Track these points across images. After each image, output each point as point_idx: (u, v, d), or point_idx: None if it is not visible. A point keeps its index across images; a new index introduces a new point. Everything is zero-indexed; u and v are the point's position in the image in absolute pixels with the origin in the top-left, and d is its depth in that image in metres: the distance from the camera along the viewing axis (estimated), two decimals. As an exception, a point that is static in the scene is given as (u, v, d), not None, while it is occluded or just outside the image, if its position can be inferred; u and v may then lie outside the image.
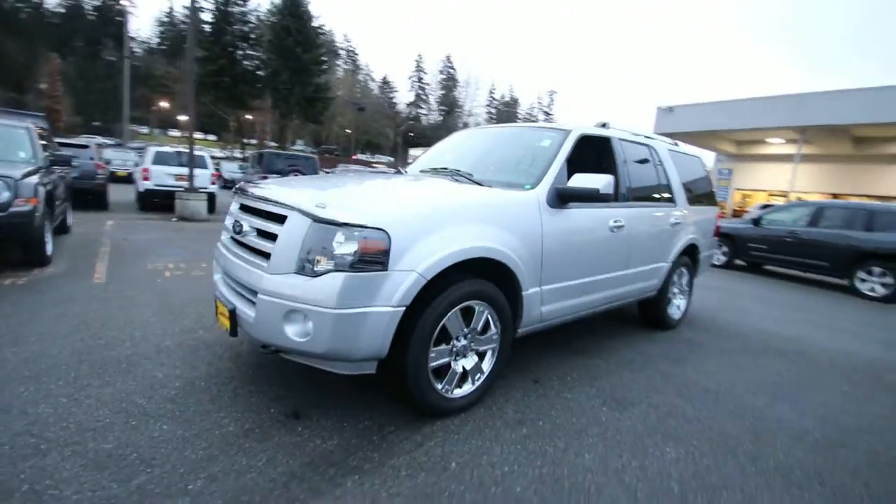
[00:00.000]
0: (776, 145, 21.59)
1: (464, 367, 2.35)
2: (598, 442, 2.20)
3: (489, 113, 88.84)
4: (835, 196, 19.98)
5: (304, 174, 11.50)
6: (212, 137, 57.07)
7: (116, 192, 11.16)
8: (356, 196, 2.37)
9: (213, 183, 10.78)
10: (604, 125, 3.54)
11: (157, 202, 10.13)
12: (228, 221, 2.65)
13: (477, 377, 2.41)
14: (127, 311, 3.49)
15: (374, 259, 1.92)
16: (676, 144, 4.51)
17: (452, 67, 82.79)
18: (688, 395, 2.84)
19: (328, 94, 49.38)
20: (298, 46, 41.99)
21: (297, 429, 2.10)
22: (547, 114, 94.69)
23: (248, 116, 45.94)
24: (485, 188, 2.62)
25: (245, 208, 2.45)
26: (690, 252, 4.31)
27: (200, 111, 45.97)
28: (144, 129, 52.37)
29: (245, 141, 47.96)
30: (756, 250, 8.43)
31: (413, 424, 2.21)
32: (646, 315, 4.22)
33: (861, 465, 2.22)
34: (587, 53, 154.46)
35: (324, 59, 49.63)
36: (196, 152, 9.92)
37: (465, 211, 2.30)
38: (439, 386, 2.23)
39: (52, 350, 2.68)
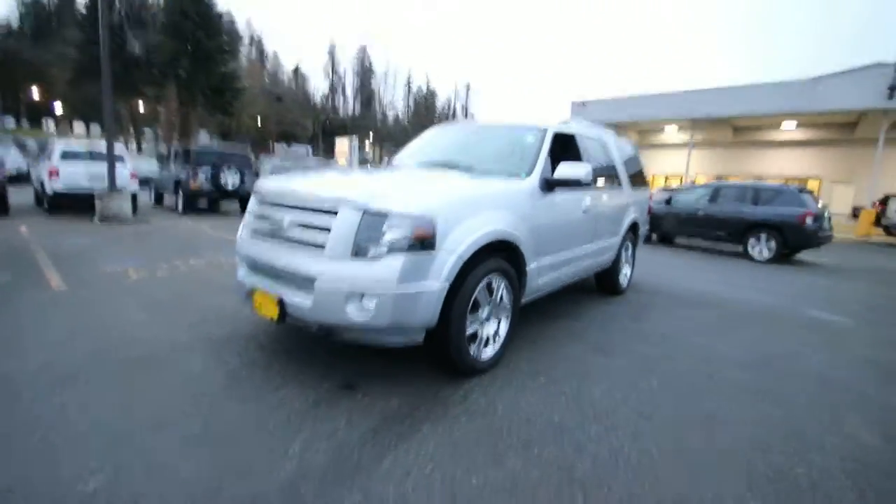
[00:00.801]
0: (672, 134, 24.46)
1: (487, 333, 2.73)
2: (600, 381, 2.72)
3: (408, 105, 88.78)
4: (719, 177, 23.19)
5: (240, 170, 10.99)
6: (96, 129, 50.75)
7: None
8: (398, 188, 2.58)
9: (133, 181, 9.91)
10: (566, 123, 4.07)
11: (67, 204, 9.15)
12: (254, 218, 2.76)
13: (497, 341, 2.81)
14: (116, 315, 3.38)
15: (424, 243, 2.22)
16: (616, 133, 5.22)
17: (368, 58, 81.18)
18: (651, 342, 3.49)
19: (238, 84, 46.23)
20: (199, 31, 38.66)
21: (357, 396, 2.35)
22: (464, 107, 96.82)
23: (145, 106, 41.46)
24: (492, 179, 2.99)
25: (277, 204, 2.58)
26: (633, 228, 5.07)
27: (81, 98, 40.54)
28: (10, 122, 45.04)
29: (139, 132, 43.40)
30: (669, 225, 9.75)
31: (452, 384, 2.55)
32: (601, 284, 4.90)
33: (779, 377, 2.98)
34: (506, 47, 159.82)
35: (228, 47, 46.27)
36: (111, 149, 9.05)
37: (487, 199, 2.67)
38: (472, 349, 2.60)
39: (62, 357, 2.61)
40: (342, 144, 29.53)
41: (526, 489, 1.71)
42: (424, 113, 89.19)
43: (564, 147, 3.83)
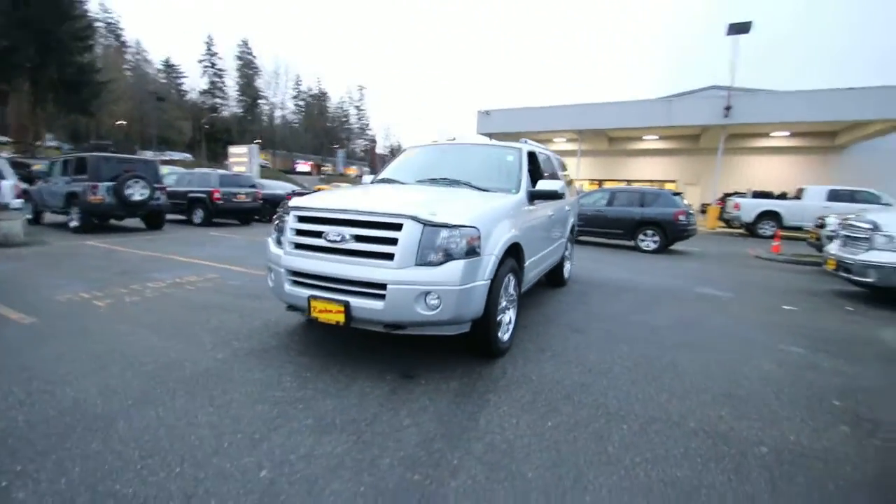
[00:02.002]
0: (561, 143, 27.46)
1: (505, 321, 3.35)
2: (589, 350, 3.51)
3: (297, 105, 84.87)
4: (600, 182, 26.69)
5: (144, 178, 10.01)
6: None
7: None
8: (442, 204, 2.98)
9: (20, 196, 8.57)
10: (525, 141, 4.86)
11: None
12: (297, 234, 3.01)
13: (509, 327, 3.44)
14: (125, 341, 3.30)
15: (474, 248, 2.78)
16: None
17: (251, 53, 75.38)
18: (605, 320, 4.42)
19: (98, 78, 40.27)
20: (45, 15, 33.01)
21: (421, 382, 2.80)
22: (358, 108, 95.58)
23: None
24: (496, 194, 3.61)
25: (334, 220, 2.89)
26: (572, 229, 6.09)
27: None
28: None
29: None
30: (576, 226, 11.32)
31: (487, 365, 3.12)
32: (550, 278, 5.81)
33: (700, 335, 4.08)
34: (402, 52, 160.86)
35: (86, 33, 40.21)
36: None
37: (501, 211, 3.28)
38: (500, 335, 3.20)
39: (122, 384, 2.62)
40: (238, 152, 27.61)
41: (584, 424, 2.37)
42: (317, 115, 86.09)
43: (532, 162, 4.62)
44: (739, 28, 16.83)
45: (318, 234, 2.94)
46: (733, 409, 2.62)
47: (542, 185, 3.93)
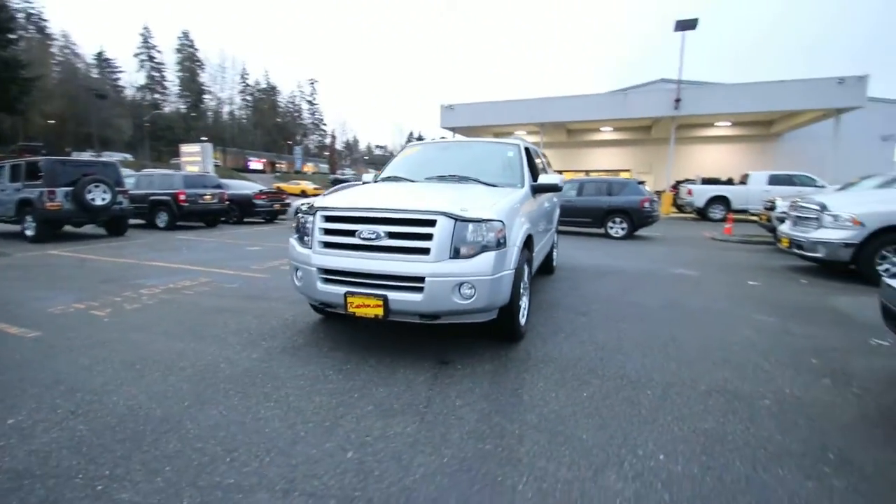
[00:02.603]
0: (522, 135, 28.06)
1: (523, 306, 3.59)
2: (596, 330, 3.82)
3: (245, 100, 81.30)
4: (559, 172, 27.55)
5: (104, 182, 9.49)
6: None
7: None
8: (468, 200, 3.14)
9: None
10: (520, 138, 5.11)
11: None
12: (325, 233, 3.11)
13: (526, 313, 3.69)
14: (147, 349, 3.27)
15: (501, 241, 2.99)
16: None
17: (192, 45, 71.28)
18: (601, 302, 4.78)
19: (25, 74, 37.02)
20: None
21: (458, 367, 2.99)
22: (311, 103, 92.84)
23: None
24: (504, 188, 3.83)
25: (366, 219, 3.00)
26: (557, 219, 6.43)
27: None
28: None
29: None
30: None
31: (510, 349, 3.35)
32: (541, 266, 6.12)
33: (685, 311, 4.51)
34: (357, 46, 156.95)
35: (8, 25, 36.88)
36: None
37: (517, 204, 3.51)
38: (521, 319, 3.44)
39: (173, 392, 2.64)
40: (190, 150, 26.37)
41: (614, 393, 2.66)
42: (267, 110, 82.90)
43: (528, 157, 4.87)
44: (686, 25, 17.93)
45: (350, 233, 3.05)
46: (733, 371, 3.00)
47: (543, 178, 4.20)
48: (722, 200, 16.60)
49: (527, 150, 4.73)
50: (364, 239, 2.98)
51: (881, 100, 20.16)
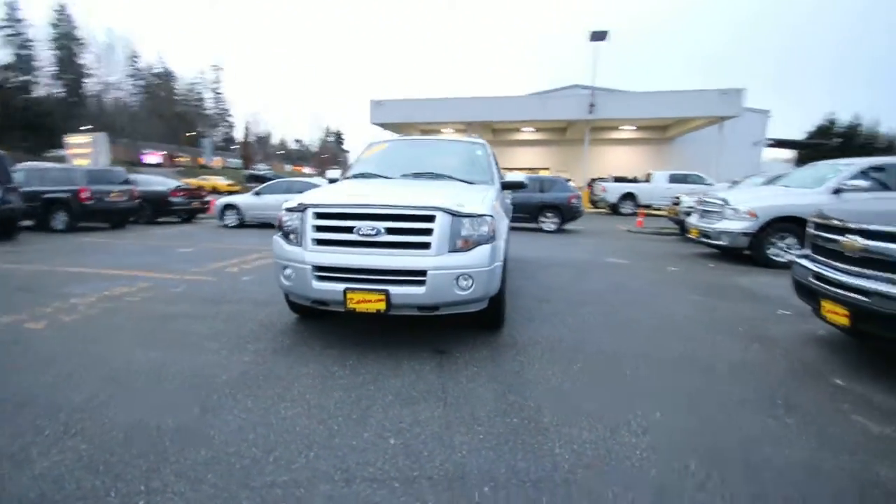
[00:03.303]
0: (449, 133, 28.62)
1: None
2: (565, 315, 4.20)
3: (137, 86, 72.62)
4: (486, 169, 28.54)
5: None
6: None
7: None
8: (460, 197, 3.26)
9: None
10: (478, 137, 5.36)
11: None
12: (318, 230, 3.08)
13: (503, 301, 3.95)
14: (119, 361, 2.99)
15: (492, 234, 3.20)
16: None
17: (71, 21, 62.07)
18: (556, 289, 5.21)
19: None
20: None
21: (455, 355, 3.15)
22: (215, 91, 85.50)
23: None
24: (479, 185, 4.04)
25: (363, 216, 3.03)
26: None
27: None
28: None
29: None
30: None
31: (495, 335, 3.58)
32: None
33: (632, 295, 5.10)
34: (280, 32, 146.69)
35: None
36: None
37: (497, 200, 3.73)
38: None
39: (156, 403, 2.47)
40: (79, 142, 23.17)
41: (600, 365, 3.00)
42: (164, 97, 74.79)
43: (493, 155, 5.14)
44: (599, 36, 19.59)
45: (347, 230, 3.06)
46: (686, 342, 3.51)
47: (510, 176, 4.49)
48: (631, 197, 18.46)
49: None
50: (364, 235, 3.01)
51: (754, 110, 23.71)
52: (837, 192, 6.63)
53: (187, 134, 73.86)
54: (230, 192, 25.26)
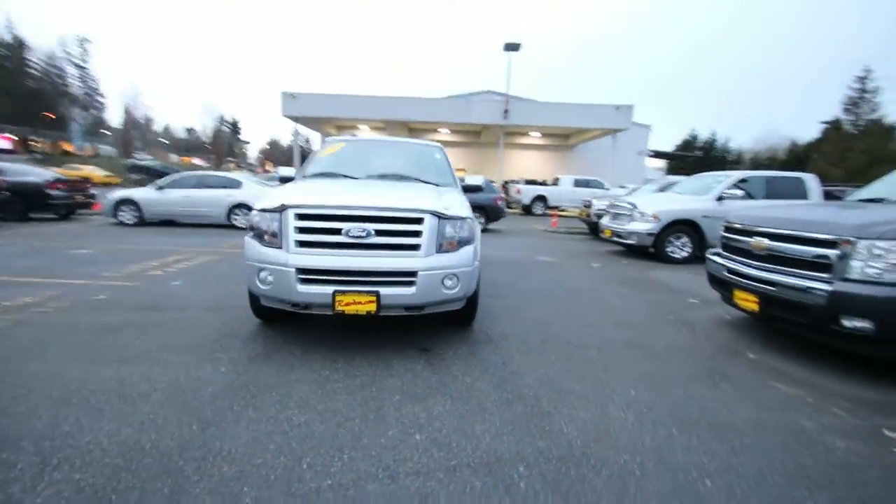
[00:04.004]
0: (365, 130, 28.15)
1: (470, 294, 4.03)
2: (522, 309, 4.53)
3: (-33, 55, 59.59)
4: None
5: None
6: None
7: None
8: (442, 199, 3.38)
9: None
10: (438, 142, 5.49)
11: None
12: (301, 231, 2.99)
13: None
14: (59, 380, 2.62)
15: (471, 236, 3.38)
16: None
17: None
18: (504, 287, 5.56)
19: None
20: None
21: (438, 353, 3.27)
22: (80, 67, 73.50)
23: None
24: (447, 188, 4.17)
25: (340, 217, 3.00)
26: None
27: None
28: None
29: None
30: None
31: (468, 332, 3.78)
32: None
33: (572, 290, 5.63)
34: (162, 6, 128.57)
35: None
36: None
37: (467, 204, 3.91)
38: (475, 305, 3.89)
39: (143, 422, 2.24)
40: None
41: (570, 353, 3.35)
42: (11, 69, 62.38)
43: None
44: (512, 47, 20.77)
45: (333, 231, 3.01)
46: (630, 330, 4.04)
47: (469, 180, 4.70)
48: (542, 199, 19.91)
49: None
50: (354, 237, 2.99)
51: (638, 124, 26.93)
52: (720, 199, 7.96)
53: (44, 115, 62.72)
54: (110, 186, 22.06)
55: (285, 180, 4.60)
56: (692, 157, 48.73)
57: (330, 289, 2.96)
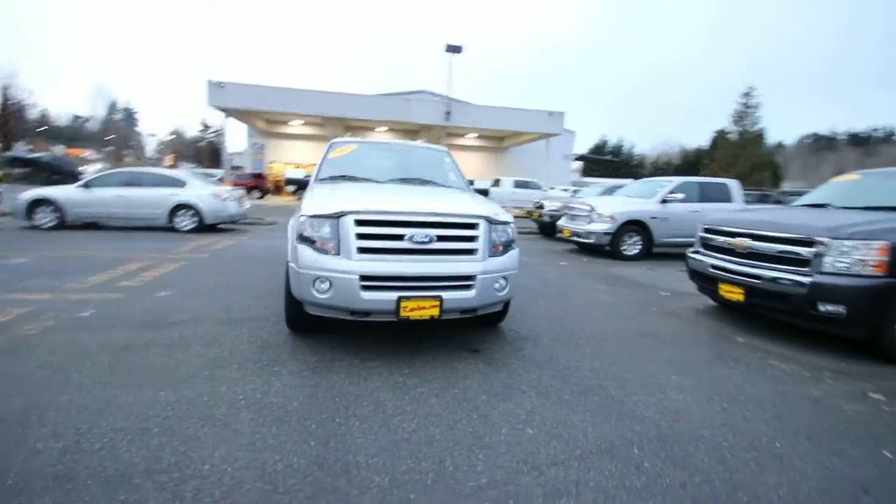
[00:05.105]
0: (297, 126, 26.94)
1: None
2: (532, 307, 4.81)
3: None
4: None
5: None
6: None
7: None
8: (486, 205, 3.52)
9: None
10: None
11: None
12: (362, 238, 2.98)
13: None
14: (98, 406, 2.38)
15: (515, 239, 3.57)
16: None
17: None
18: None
19: None
20: None
21: (488, 352, 3.43)
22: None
23: None
24: (472, 193, 4.29)
25: (409, 223, 3.04)
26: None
27: None
28: None
29: None
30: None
31: (502, 331, 3.97)
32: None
33: (558, 289, 6.05)
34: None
35: None
36: None
37: (495, 207, 4.09)
38: (502, 305, 4.08)
39: (234, 435, 2.14)
40: None
41: (600, 345, 3.68)
42: None
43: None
44: (454, 49, 21.16)
45: (395, 237, 3.03)
46: (629, 320, 4.50)
47: (477, 183, 4.89)
48: (484, 199, 20.56)
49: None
50: (417, 243, 3.04)
51: (567, 130, 28.85)
52: (664, 202, 8.96)
53: None
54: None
55: (293, 182, 4.46)
56: (606, 161, 53.22)
57: (394, 295, 2.98)
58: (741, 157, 38.17)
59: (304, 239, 3.10)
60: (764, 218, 4.28)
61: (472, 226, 3.23)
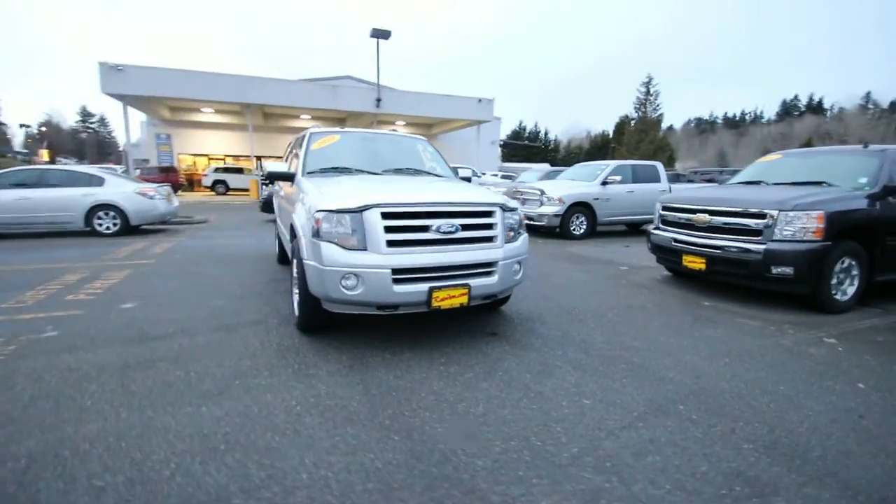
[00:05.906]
0: (208, 114, 24.65)
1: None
2: (530, 290, 5.03)
3: None
4: (258, 158, 26.07)
5: None
6: None
7: None
8: (493, 192, 3.65)
9: None
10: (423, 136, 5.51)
11: None
12: (389, 230, 2.94)
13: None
14: (124, 430, 2.16)
15: (523, 224, 3.72)
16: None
17: None
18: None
19: None
20: None
21: (507, 335, 3.57)
22: None
23: None
24: (460, 181, 4.35)
25: (432, 214, 3.04)
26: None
27: None
28: None
29: None
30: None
31: (504, 314, 4.13)
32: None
33: (541, 272, 6.36)
34: None
35: None
36: None
37: (491, 195, 4.19)
38: (503, 289, 4.24)
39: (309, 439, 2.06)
40: None
41: (601, 320, 3.99)
42: None
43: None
44: (381, 34, 20.55)
45: (421, 229, 3.03)
46: (612, 295, 4.91)
47: (462, 171, 4.95)
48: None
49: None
50: (444, 233, 3.06)
51: (495, 117, 29.62)
52: (604, 184, 9.69)
53: None
54: None
55: (275, 175, 4.19)
56: (525, 147, 55.57)
57: (425, 286, 3.00)
58: (644, 142, 42.07)
59: (323, 235, 2.97)
60: (718, 195, 4.87)
61: (490, 213, 3.32)
